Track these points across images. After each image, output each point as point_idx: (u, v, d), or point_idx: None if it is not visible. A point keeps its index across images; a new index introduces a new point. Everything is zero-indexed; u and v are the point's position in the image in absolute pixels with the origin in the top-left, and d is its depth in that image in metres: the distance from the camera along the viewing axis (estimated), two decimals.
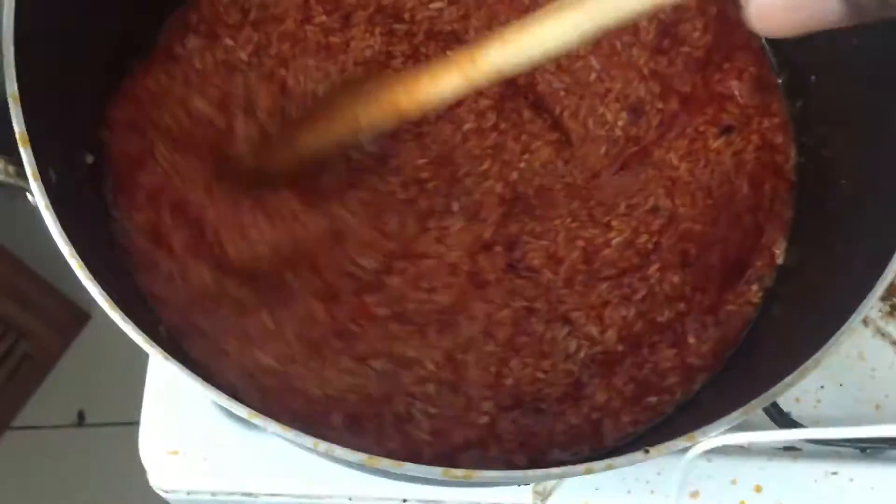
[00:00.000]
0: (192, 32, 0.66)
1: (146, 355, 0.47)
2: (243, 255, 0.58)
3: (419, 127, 0.65)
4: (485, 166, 0.64)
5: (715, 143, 0.65)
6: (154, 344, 0.45)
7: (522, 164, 0.64)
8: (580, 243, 0.62)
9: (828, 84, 0.65)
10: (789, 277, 0.62)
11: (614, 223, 0.62)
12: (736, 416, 0.45)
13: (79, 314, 1.47)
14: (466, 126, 0.65)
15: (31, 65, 0.48)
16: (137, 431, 0.66)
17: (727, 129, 0.66)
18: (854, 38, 0.59)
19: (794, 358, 0.48)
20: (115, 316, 0.45)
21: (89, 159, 0.56)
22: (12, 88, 0.46)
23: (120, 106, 0.61)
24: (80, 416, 1.47)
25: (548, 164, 0.64)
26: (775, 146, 0.66)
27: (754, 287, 0.62)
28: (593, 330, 0.60)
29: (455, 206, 0.62)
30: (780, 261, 0.63)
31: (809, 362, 0.46)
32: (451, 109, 0.65)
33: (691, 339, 0.60)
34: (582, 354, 0.59)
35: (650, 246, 0.62)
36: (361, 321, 0.58)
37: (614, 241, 0.62)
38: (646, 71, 0.66)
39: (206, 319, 0.57)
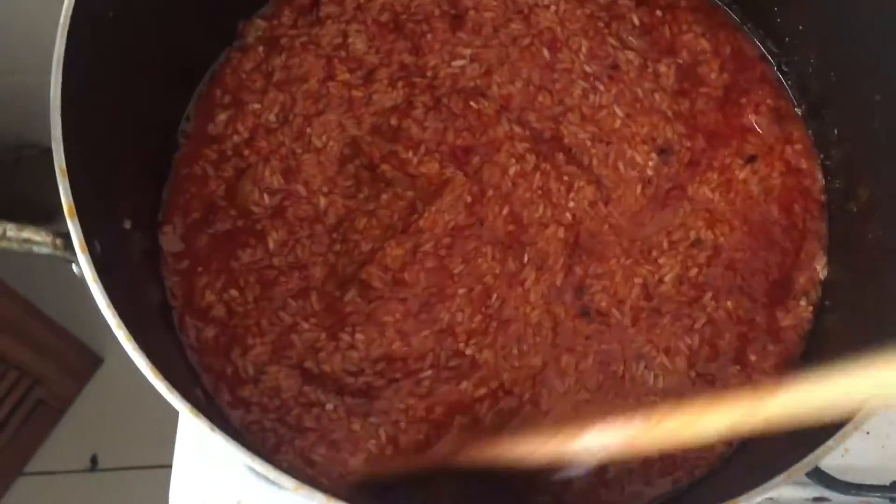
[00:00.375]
0: (220, 107, 0.68)
1: (159, 398, 0.46)
2: (336, 368, 0.61)
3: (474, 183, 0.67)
4: (540, 211, 0.66)
5: (742, 174, 0.68)
6: (200, 415, 0.45)
7: (572, 204, 0.67)
8: (638, 281, 0.65)
9: (854, 134, 0.66)
10: (835, 290, 0.65)
11: (662, 260, 0.66)
12: (780, 480, 0.45)
13: (92, 358, 1.47)
14: (511, 170, 0.67)
15: (76, 139, 0.49)
16: (150, 475, 0.65)
17: (751, 159, 0.69)
18: (876, 94, 0.60)
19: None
20: (161, 387, 0.46)
21: (127, 225, 0.56)
22: (60, 162, 0.47)
23: (175, 211, 0.64)
24: (93, 460, 1.46)
25: (594, 203, 0.67)
26: (800, 171, 0.69)
27: (802, 302, 0.66)
28: (665, 360, 0.64)
29: (526, 258, 0.65)
30: (822, 275, 0.67)
31: (849, 427, 0.46)
32: (492, 156, 0.68)
33: (752, 357, 0.64)
34: (660, 385, 0.63)
35: (701, 278, 0.66)
36: (463, 407, 0.61)
37: (667, 277, 0.65)
38: (670, 113, 0.69)
39: (283, 426, 0.60)
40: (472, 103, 0.69)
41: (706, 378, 0.63)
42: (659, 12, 0.71)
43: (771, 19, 0.70)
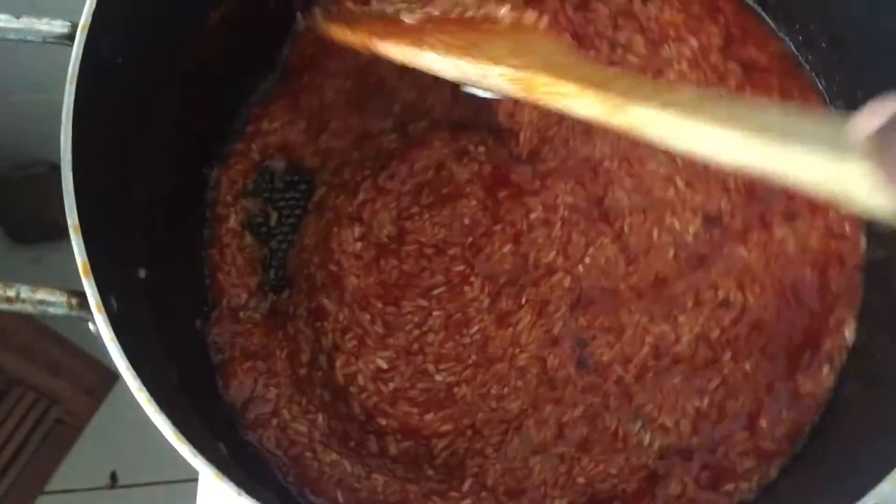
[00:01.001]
0: None
1: None
2: None
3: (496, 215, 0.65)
4: (550, 257, 0.63)
5: (780, 232, 0.64)
6: (226, 478, 0.44)
7: (587, 260, 0.63)
8: (649, 339, 0.61)
9: None
10: (861, 357, 0.61)
11: (682, 318, 0.62)
12: None
13: (107, 375, 1.46)
14: (533, 215, 0.64)
15: (89, 191, 0.47)
16: (170, 490, 0.64)
17: (792, 216, 0.64)
18: None
19: (871, 445, 0.46)
20: (184, 450, 0.44)
21: (142, 274, 0.55)
22: (73, 220, 0.46)
23: None
24: (113, 477, 1.46)
25: (613, 261, 0.63)
26: (843, 235, 0.64)
27: (825, 369, 0.61)
28: (667, 421, 0.60)
29: (524, 299, 0.62)
30: (849, 341, 0.62)
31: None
32: (523, 196, 0.64)
33: (763, 423, 0.60)
34: (656, 446, 0.59)
35: (723, 340, 0.61)
36: (431, 438, 0.59)
37: (685, 338, 0.61)
38: (732, 185, 0.64)
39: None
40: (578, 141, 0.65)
41: (709, 446, 0.59)
42: (756, 74, 0.66)
43: (852, 88, 0.64)
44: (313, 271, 0.63)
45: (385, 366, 0.61)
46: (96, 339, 0.46)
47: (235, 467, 0.50)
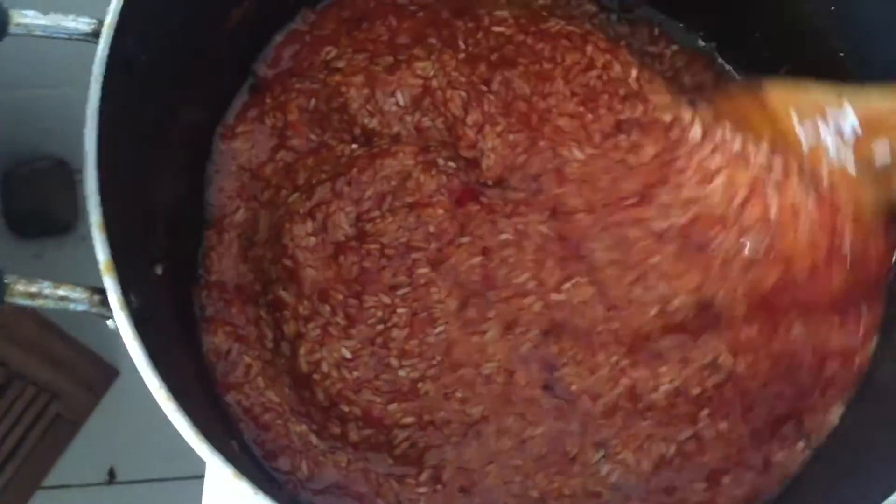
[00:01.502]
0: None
1: None
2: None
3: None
4: (522, 279, 0.61)
5: (789, 327, 0.61)
6: (244, 478, 0.44)
7: (562, 295, 0.60)
8: (625, 381, 0.59)
9: None
10: (838, 442, 0.60)
11: (663, 369, 0.60)
12: None
13: (108, 370, 1.46)
14: (503, 236, 0.62)
15: (111, 190, 0.47)
16: (168, 488, 0.64)
17: (805, 317, 0.61)
18: None
19: None
20: (203, 449, 0.45)
21: (158, 270, 0.55)
22: (97, 218, 0.46)
23: None
24: (111, 473, 1.46)
25: (590, 303, 0.60)
26: (854, 335, 0.62)
27: (801, 444, 0.61)
28: (629, 457, 0.59)
29: (492, 313, 0.60)
30: (832, 424, 0.61)
31: None
32: (495, 218, 0.62)
33: (726, 481, 0.59)
34: (614, 479, 0.59)
35: (703, 398, 0.60)
36: (392, 428, 0.59)
37: (663, 388, 0.60)
38: (740, 291, 0.60)
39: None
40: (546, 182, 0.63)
41: (666, 488, 0.59)
42: None
43: None
44: (267, 266, 0.63)
45: (349, 355, 0.60)
46: (98, 334, 0.46)
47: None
